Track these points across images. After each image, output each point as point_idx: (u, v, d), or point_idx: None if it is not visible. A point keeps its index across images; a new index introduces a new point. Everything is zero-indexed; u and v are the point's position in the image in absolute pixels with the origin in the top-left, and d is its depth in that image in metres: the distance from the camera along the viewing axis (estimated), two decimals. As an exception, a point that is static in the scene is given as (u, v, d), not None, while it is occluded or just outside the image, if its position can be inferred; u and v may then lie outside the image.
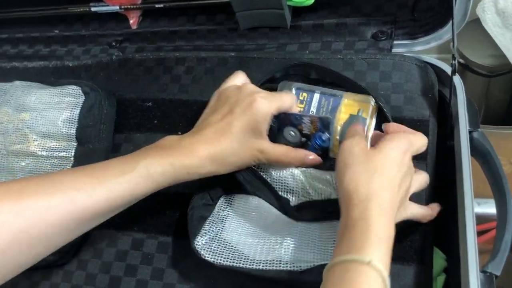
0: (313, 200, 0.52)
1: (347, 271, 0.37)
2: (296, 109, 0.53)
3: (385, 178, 0.42)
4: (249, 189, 0.53)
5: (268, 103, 0.48)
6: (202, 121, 0.51)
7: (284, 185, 0.53)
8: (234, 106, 0.49)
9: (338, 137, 0.54)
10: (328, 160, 0.53)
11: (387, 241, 0.39)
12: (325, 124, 0.51)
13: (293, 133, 0.52)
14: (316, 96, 0.56)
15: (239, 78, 0.54)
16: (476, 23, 0.96)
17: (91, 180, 0.44)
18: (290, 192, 0.53)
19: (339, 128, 0.54)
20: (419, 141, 0.47)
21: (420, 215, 0.49)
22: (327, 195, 0.51)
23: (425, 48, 0.61)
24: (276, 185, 0.53)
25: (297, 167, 0.53)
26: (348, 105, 0.55)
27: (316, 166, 0.53)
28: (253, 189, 0.52)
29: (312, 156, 0.51)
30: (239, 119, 0.48)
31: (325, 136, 0.51)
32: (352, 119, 0.54)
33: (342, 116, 0.55)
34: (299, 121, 0.51)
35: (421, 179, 0.49)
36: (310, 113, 0.56)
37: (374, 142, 0.47)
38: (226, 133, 0.48)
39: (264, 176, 0.54)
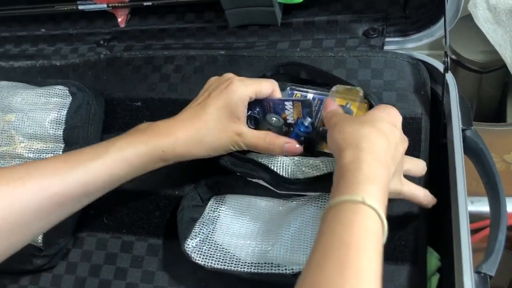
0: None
1: (341, 212, 0.37)
2: (278, 95, 0.52)
3: (376, 128, 0.41)
4: (235, 170, 0.51)
5: (245, 86, 0.48)
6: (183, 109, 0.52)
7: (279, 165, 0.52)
8: (212, 90, 0.49)
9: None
10: (313, 150, 0.52)
11: (380, 181, 0.39)
12: (307, 105, 0.49)
13: (275, 119, 0.51)
14: (310, 96, 0.55)
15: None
16: (467, 19, 0.96)
17: (65, 165, 0.44)
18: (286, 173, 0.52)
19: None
20: (416, 164, 0.48)
21: (419, 195, 0.48)
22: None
23: (417, 45, 0.61)
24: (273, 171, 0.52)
25: (278, 155, 0.52)
26: (339, 102, 0.54)
27: (302, 154, 0.52)
28: (239, 169, 0.51)
29: (291, 144, 0.50)
30: (214, 101, 0.48)
31: (307, 121, 0.50)
32: None
33: None
34: (282, 108, 0.51)
35: (419, 163, 0.50)
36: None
37: None
38: (201, 114, 0.48)
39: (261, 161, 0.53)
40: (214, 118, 0.48)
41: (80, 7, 0.74)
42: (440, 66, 0.58)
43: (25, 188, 0.42)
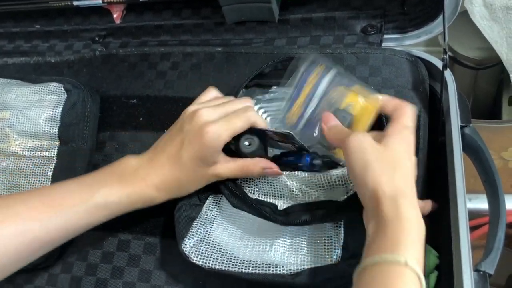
0: (300, 203, 0.50)
1: (381, 272, 0.36)
2: (261, 123, 0.50)
3: (405, 173, 0.41)
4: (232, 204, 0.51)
5: (217, 135, 0.46)
6: (160, 143, 0.51)
7: (271, 190, 0.51)
8: (185, 136, 0.48)
9: None
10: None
11: (420, 238, 0.38)
12: (290, 138, 0.48)
13: (247, 143, 0.49)
14: (332, 72, 0.52)
15: (210, 94, 0.53)
16: (464, 16, 0.95)
17: (47, 210, 0.45)
18: (277, 197, 0.51)
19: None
20: (413, 115, 0.46)
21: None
22: (314, 197, 0.50)
23: (415, 42, 0.61)
24: (262, 190, 0.52)
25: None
26: (351, 96, 0.51)
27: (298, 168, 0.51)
28: (236, 204, 0.51)
29: (271, 169, 0.49)
30: (188, 151, 0.47)
31: (317, 162, 0.48)
32: (336, 113, 0.50)
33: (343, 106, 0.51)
34: (264, 133, 0.49)
35: (427, 204, 0.49)
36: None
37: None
38: (177, 163, 0.48)
39: (248, 185, 0.52)
40: (190, 168, 0.48)
41: (75, 3, 0.73)
42: (439, 63, 0.58)
43: (4, 232, 0.42)
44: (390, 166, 0.41)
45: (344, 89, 0.50)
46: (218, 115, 0.48)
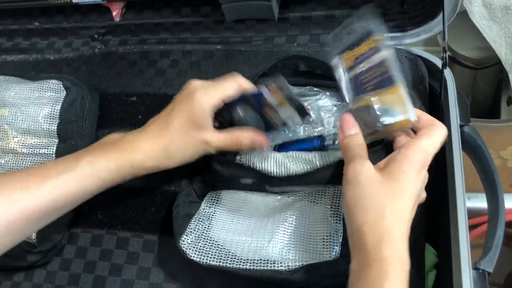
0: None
1: None
2: (248, 86, 0.50)
3: (399, 211, 0.38)
4: (224, 174, 0.52)
5: (208, 96, 0.47)
6: (150, 120, 0.51)
7: (268, 171, 0.51)
8: (175, 102, 0.49)
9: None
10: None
11: (403, 281, 0.36)
12: (281, 81, 0.47)
13: (240, 112, 0.49)
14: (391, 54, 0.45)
15: None
16: (463, 15, 0.95)
17: (35, 179, 0.44)
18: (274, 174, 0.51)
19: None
20: (439, 139, 0.41)
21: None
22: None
23: (415, 41, 0.60)
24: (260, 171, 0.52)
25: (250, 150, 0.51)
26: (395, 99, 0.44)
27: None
28: (226, 173, 0.52)
29: (258, 140, 0.49)
30: (178, 114, 0.48)
31: (328, 143, 0.48)
32: (366, 111, 0.43)
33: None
34: (261, 97, 0.48)
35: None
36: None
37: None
38: (167, 128, 0.48)
39: (247, 163, 0.52)
40: (179, 131, 0.48)
41: (74, 1, 0.73)
42: (438, 62, 0.58)
43: None
44: (382, 204, 0.38)
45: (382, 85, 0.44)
46: (208, 83, 0.49)
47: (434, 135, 0.41)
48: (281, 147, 0.53)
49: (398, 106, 0.42)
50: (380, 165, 0.41)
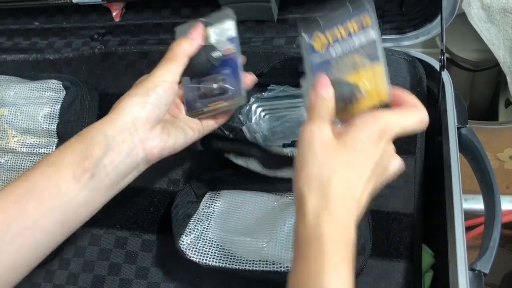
0: None
1: None
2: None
3: (349, 181, 0.36)
4: (225, 149, 0.53)
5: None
6: None
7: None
8: None
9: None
10: None
11: (347, 256, 0.34)
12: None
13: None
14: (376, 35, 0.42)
15: None
16: (461, 18, 0.96)
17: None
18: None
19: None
20: (411, 121, 0.39)
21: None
22: None
23: (414, 43, 0.61)
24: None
25: None
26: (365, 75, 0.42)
27: None
28: (229, 147, 0.53)
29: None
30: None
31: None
32: (338, 83, 0.41)
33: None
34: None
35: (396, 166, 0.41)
36: None
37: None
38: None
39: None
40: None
41: (74, 1, 0.73)
42: (436, 64, 0.58)
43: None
44: (328, 173, 0.35)
45: (365, 61, 0.42)
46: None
47: (407, 114, 0.39)
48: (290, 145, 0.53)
49: (375, 83, 0.41)
50: (339, 130, 0.38)
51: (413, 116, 0.39)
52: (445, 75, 0.55)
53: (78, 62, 0.70)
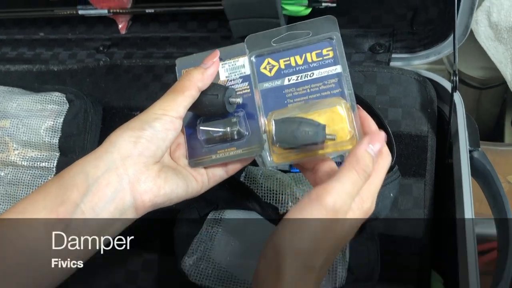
0: None
1: None
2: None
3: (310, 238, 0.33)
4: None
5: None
6: None
7: (272, 192, 0.50)
8: None
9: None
10: None
11: None
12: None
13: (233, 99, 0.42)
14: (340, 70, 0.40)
15: None
16: (468, 35, 0.95)
17: None
18: (277, 201, 0.50)
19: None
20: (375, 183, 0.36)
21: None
22: None
23: (424, 62, 0.60)
24: (264, 193, 0.51)
25: None
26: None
27: None
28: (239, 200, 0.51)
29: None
30: None
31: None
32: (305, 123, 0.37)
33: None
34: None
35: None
36: None
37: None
38: None
39: (251, 185, 0.52)
40: None
41: (80, 12, 0.73)
42: (447, 84, 0.57)
43: None
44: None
45: (329, 98, 0.40)
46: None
47: (372, 178, 0.35)
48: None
49: (336, 126, 0.38)
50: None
51: (374, 183, 0.36)
52: (457, 97, 0.54)
53: (83, 74, 0.69)
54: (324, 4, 0.61)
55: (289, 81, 0.41)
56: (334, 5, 0.61)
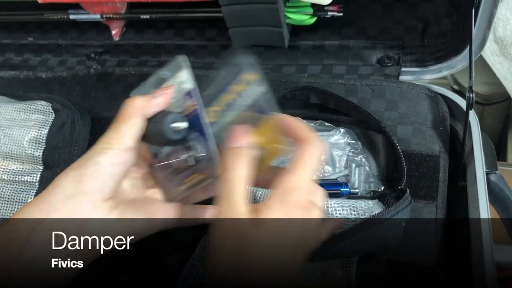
0: None
1: None
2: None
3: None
4: None
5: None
6: None
7: None
8: None
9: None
10: None
11: None
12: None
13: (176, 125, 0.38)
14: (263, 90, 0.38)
15: None
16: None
17: None
18: None
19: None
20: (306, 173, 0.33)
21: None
22: None
23: (436, 77, 0.56)
24: None
25: None
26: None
27: None
28: None
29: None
30: None
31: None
32: None
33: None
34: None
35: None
36: None
37: None
38: None
39: None
40: None
41: (72, 17, 0.69)
42: (460, 101, 0.54)
43: None
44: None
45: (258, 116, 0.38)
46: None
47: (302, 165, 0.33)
48: None
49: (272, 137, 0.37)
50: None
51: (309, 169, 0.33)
52: (472, 115, 0.51)
53: (72, 82, 0.65)
54: (330, 13, 0.57)
55: (230, 119, 0.38)
56: (341, 14, 0.57)
